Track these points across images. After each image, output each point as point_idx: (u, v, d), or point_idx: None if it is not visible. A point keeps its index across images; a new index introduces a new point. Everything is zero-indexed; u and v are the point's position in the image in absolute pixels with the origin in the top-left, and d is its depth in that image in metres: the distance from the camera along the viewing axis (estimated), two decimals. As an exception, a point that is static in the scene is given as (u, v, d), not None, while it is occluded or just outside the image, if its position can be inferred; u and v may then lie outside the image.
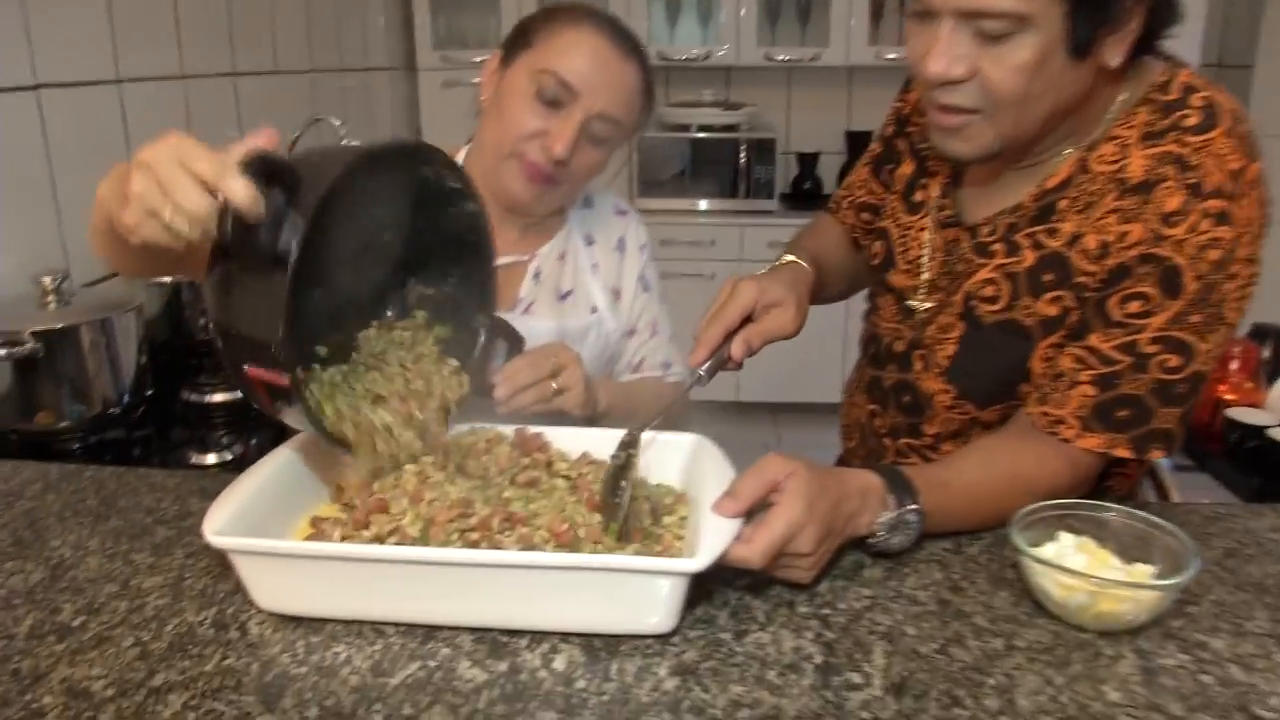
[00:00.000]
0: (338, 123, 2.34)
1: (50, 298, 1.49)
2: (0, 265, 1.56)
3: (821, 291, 1.20)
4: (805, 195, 3.86)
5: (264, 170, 0.76)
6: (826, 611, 0.88)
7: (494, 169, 1.20)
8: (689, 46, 3.71)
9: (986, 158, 0.98)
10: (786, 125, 3.97)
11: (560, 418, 1.10)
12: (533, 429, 1.02)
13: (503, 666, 0.79)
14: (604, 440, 1.02)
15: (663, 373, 1.36)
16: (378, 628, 0.84)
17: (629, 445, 0.94)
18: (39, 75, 1.64)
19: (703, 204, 3.68)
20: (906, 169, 1.17)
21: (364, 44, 3.24)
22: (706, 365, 1.03)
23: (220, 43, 2.28)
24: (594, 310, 1.31)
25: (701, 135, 3.64)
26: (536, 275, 1.29)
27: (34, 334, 1.41)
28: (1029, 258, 1.02)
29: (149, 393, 1.62)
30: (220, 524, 0.83)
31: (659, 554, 0.86)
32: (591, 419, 1.16)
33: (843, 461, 1.38)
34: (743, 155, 3.61)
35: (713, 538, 0.81)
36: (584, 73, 1.15)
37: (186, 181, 0.75)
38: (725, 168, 3.65)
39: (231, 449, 1.55)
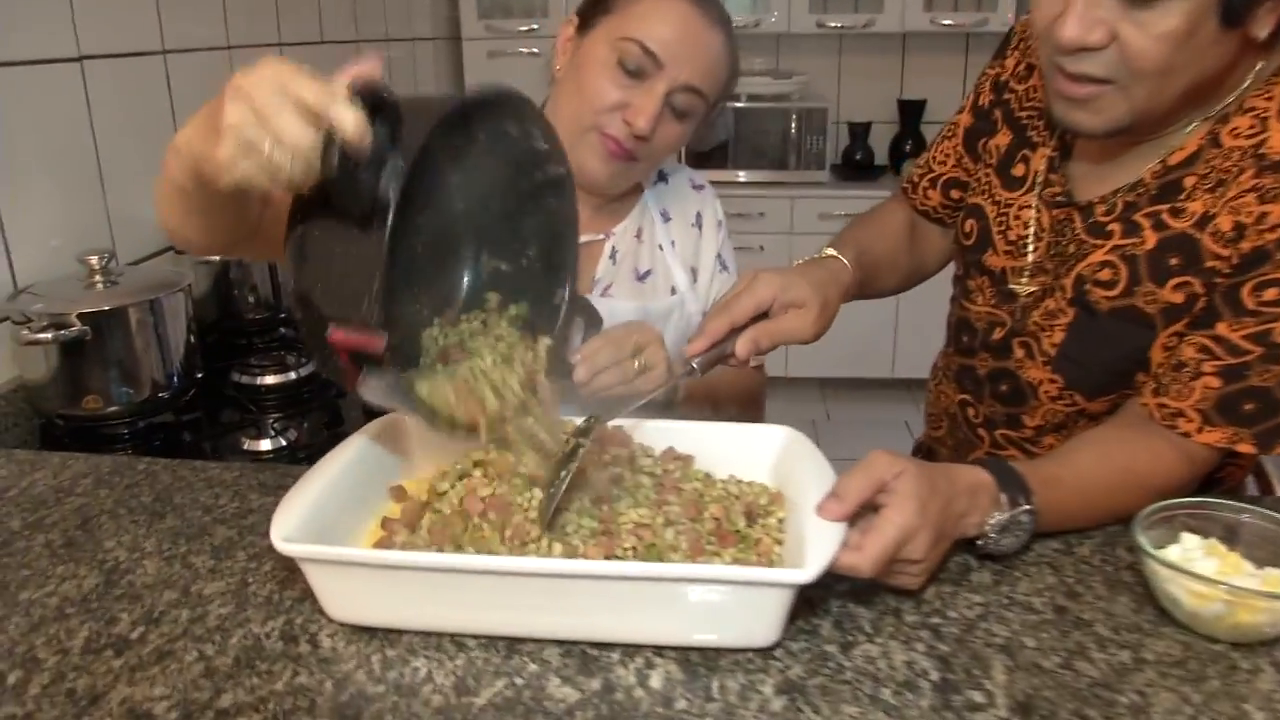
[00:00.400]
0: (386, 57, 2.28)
1: (97, 278, 1.44)
2: (45, 245, 1.51)
3: (869, 287, 1.12)
4: (857, 166, 3.75)
5: (372, 101, 0.69)
6: (937, 621, 0.80)
7: (569, 145, 1.12)
8: (738, 14, 3.59)
9: (1114, 133, 0.89)
10: (838, 94, 3.85)
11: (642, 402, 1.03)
12: (611, 424, 0.95)
13: (595, 684, 0.73)
14: (689, 435, 0.95)
15: None
16: (458, 640, 0.78)
17: (582, 434, 0.86)
18: (82, 47, 1.58)
19: (752, 175, 3.58)
20: (1002, 140, 1.08)
21: (408, 13, 3.16)
22: (702, 357, 0.95)
23: (266, 12, 2.22)
24: (674, 291, 1.23)
25: (751, 105, 3.53)
26: (613, 255, 1.22)
27: (81, 316, 1.36)
28: (1150, 239, 0.93)
29: (199, 375, 1.57)
30: (288, 529, 0.77)
31: (757, 561, 0.79)
32: (671, 402, 1.09)
33: (926, 448, 1.30)
34: (793, 125, 3.50)
35: (820, 545, 0.74)
36: (669, 41, 1.07)
37: (289, 110, 0.67)
38: (775, 138, 3.54)
39: (285, 434, 1.50)
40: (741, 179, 3.60)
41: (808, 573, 0.71)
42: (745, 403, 1.23)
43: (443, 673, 0.74)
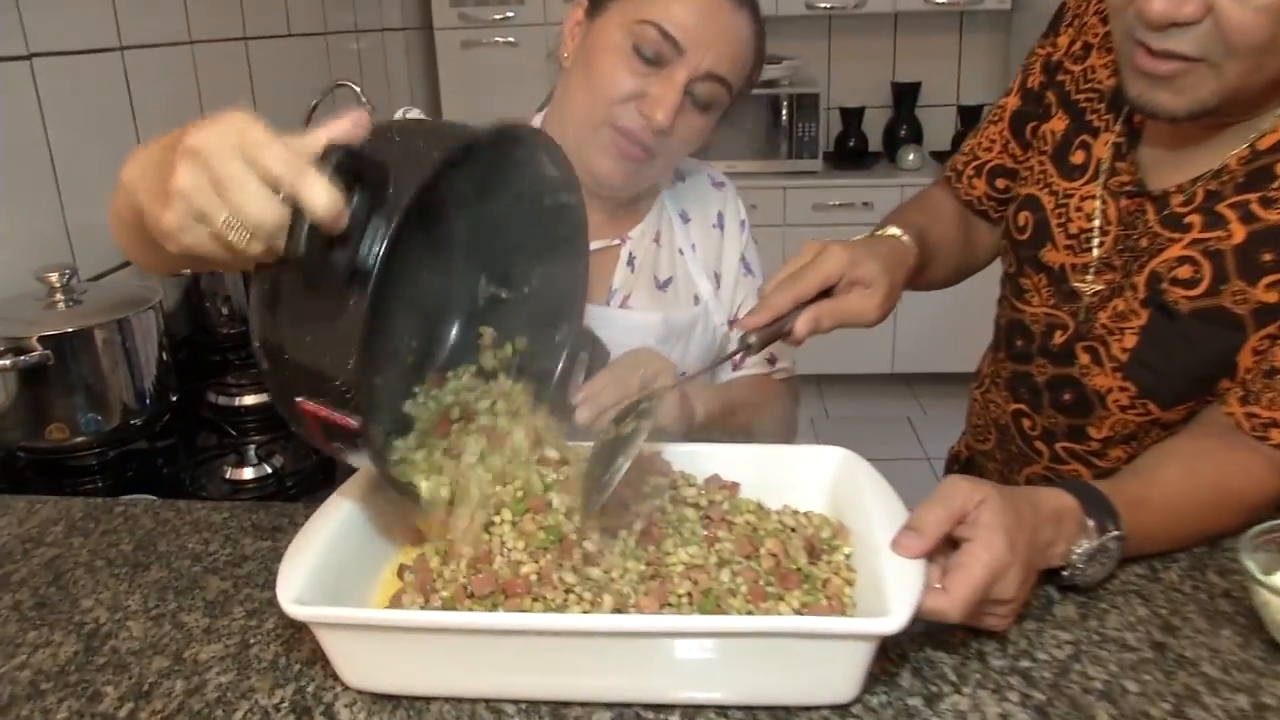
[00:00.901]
0: (358, 89, 2.19)
1: (58, 296, 1.35)
2: None
3: (922, 275, 1.05)
4: (851, 153, 3.69)
5: (349, 168, 0.60)
6: (1026, 664, 0.74)
7: (580, 141, 1.04)
8: (721, -5, 3.52)
9: (1196, 115, 0.82)
10: (828, 79, 3.79)
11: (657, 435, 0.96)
12: (648, 448, 0.88)
13: (652, 755, 0.66)
14: (732, 459, 0.89)
15: (767, 369, 1.21)
16: (495, 707, 0.70)
17: (644, 414, 0.79)
18: (32, 44, 1.48)
19: (742, 165, 3.51)
20: (1058, 125, 1.02)
21: (378, 3, 3.07)
22: (761, 334, 0.88)
23: (230, 5, 2.12)
24: (697, 301, 1.16)
25: (738, 91, 3.47)
26: (631, 261, 1.14)
27: (42, 339, 1.27)
28: (1238, 232, 0.87)
29: (173, 398, 1.49)
30: (297, 588, 0.69)
31: (827, 605, 0.73)
32: (687, 435, 1.01)
33: (969, 463, 1.24)
34: (784, 112, 3.43)
35: (900, 587, 0.68)
36: (690, 24, 0.99)
37: (251, 182, 0.59)
38: (765, 126, 3.47)
39: (270, 461, 1.41)
40: (732, 169, 3.53)
41: (894, 621, 0.64)
42: (774, 422, 1.16)
43: (480, 747, 0.67)
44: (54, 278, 1.35)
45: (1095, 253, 0.96)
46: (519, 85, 3.22)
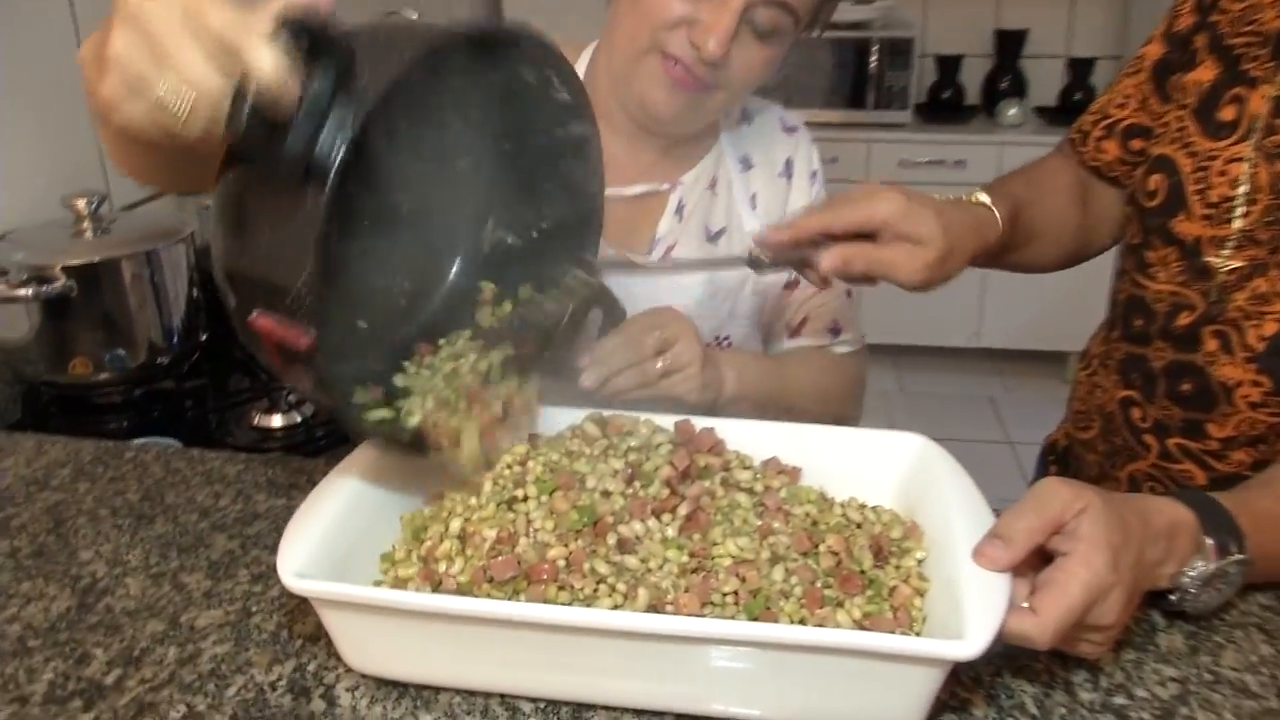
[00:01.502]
0: (415, 15, 2.14)
1: (85, 224, 1.33)
2: (29, 186, 1.40)
3: (1018, 255, 0.97)
4: (945, 106, 3.54)
5: (305, 38, 0.56)
6: (1121, 701, 0.67)
7: (628, 71, 0.98)
8: (813, -73, 3.39)
9: None
10: (924, 22, 3.63)
11: (676, 406, 0.91)
12: (701, 421, 0.83)
13: (682, 772, 0.61)
14: (796, 440, 0.82)
15: (828, 340, 1.13)
16: (510, 703, 0.66)
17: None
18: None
19: (823, 115, 3.40)
20: (1204, 75, 0.92)
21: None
22: (776, 255, 0.83)
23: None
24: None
25: (825, 34, 3.34)
26: (679, 209, 1.08)
27: (66, 269, 1.25)
28: None
29: (202, 337, 1.47)
30: (300, 559, 0.65)
31: (891, 618, 0.66)
32: (714, 408, 0.95)
33: (1063, 450, 1.16)
34: (873, 58, 3.30)
35: (980, 605, 0.61)
36: None
37: (191, 43, 0.55)
38: (852, 73, 3.35)
39: (300, 408, 1.39)
40: (812, 119, 3.41)
41: (971, 645, 0.58)
42: (831, 403, 1.09)
43: (491, 748, 0.63)
44: (81, 205, 1.32)
45: (1237, 224, 0.87)
46: (589, 15, 3.14)
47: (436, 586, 0.69)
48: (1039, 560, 0.67)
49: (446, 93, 0.77)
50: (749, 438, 0.83)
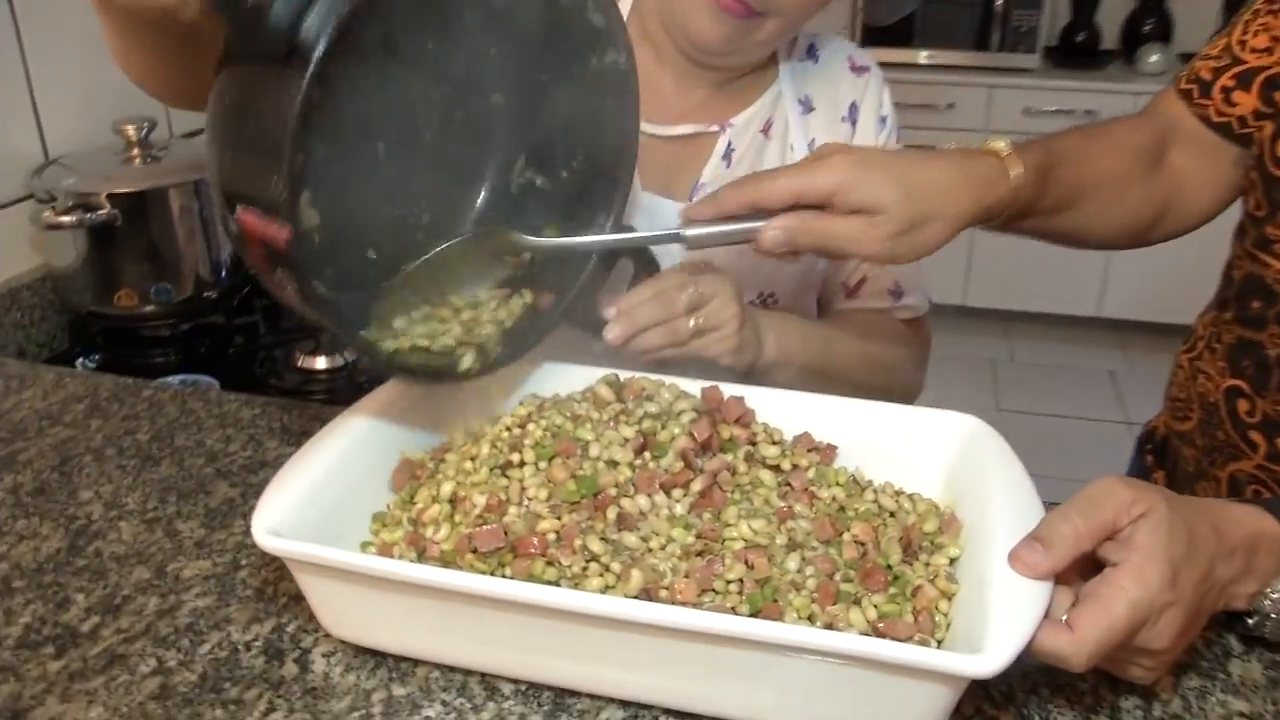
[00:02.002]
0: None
1: (135, 152, 1.35)
2: (83, 110, 1.43)
3: (1057, 222, 0.87)
4: (1078, 50, 3.36)
5: None
6: (1175, 732, 0.62)
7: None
8: None
9: None
10: (1060, -45, 3.44)
11: (713, 369, 0.86)
12: (730, 389, 0.79)
13: (663, 773, 0.58)
14: (834, 415, 0.78)
15: (889, 303, 1.07)
16: (490, 683, 0.64)
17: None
18: None
19: (942, 56, 3.26)
20: None
21: None
22: (703, 230, 0.77)
23: None
24: None
25: (947, -34, 3.20)
26: (727, 153, 1.02)
27: (111, 197, 1.27)
28: None
29: (252, 272, 1.48)
30: (279, 517, 0.64)
31: (911, 622, 0.62)
32: (751, 373, 0.91)
33: (1164, 445, 1.08)
34: (1000, -6, 3.15)
35: (1009, 616, 0.56)
36: None
37: None
38: (975, 11, 3.20)
39: (346, 351, 1.39)
40: (929, 61, 3.28)
41: (988, 661, 0.53)
42: (887, 373, 1.02)
43: (462, 730, 0.61)
44: (131, 131, 1.34)
45: None
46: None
47: (422, 553, 0.67)
48: (1090, 568, 0.61)
49: (478, 25, 0.75)
50: (783, 409, 0.79)
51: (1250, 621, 0.66)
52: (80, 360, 1.36)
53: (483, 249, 0.81)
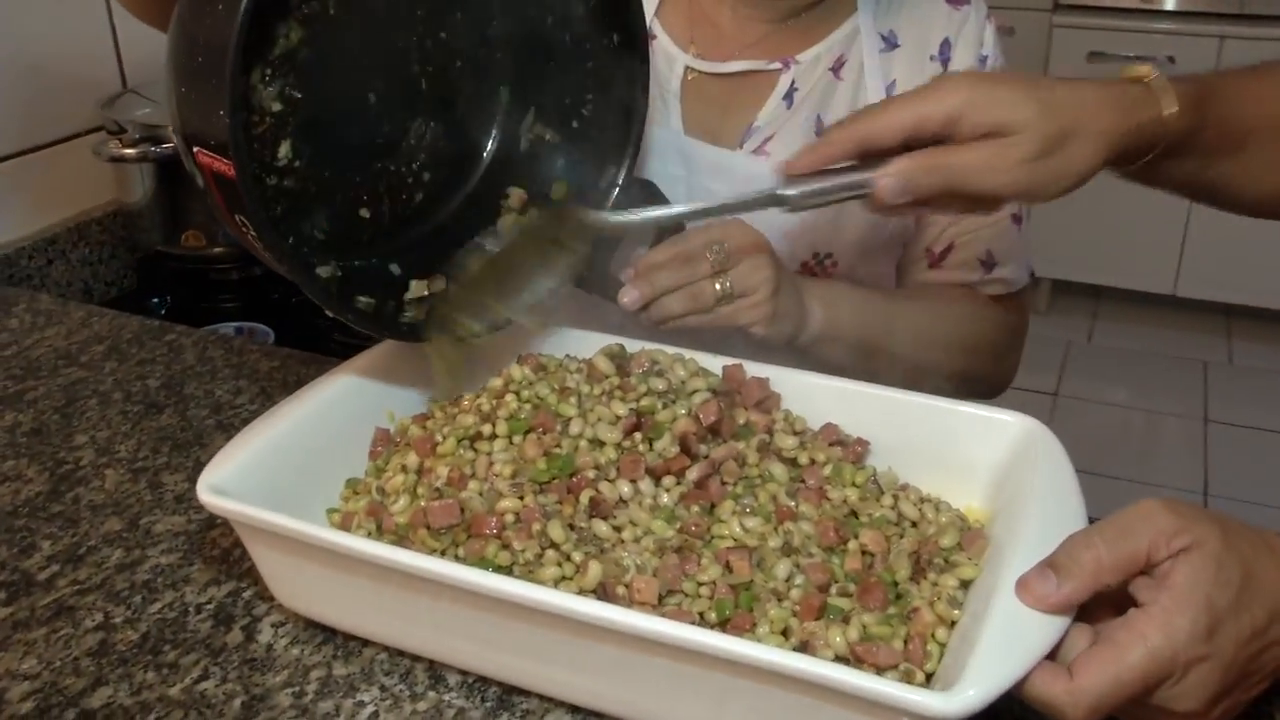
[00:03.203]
0: None
1: (210, 83, 1.42)
2: (149, 35, 1.50)
3: (1214, 164, 0.79)
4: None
5: None
6: (1214, 810, 0.57)
7: None
8: None
9: None
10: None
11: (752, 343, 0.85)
12: (755, 369, 0.77)
13: (599, 789, 0.58)
14: (869, 407, 0.75)
15: (979, 275, 1.01)
16: (436, 672, 0.65)
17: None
18: None
19: (1166, 1, 3.06)
20: None
21: None
22: (807, 187, 0.72)
23: None
24: None
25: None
26: (789, 94, 0.98)
27: (178, 131, 1.34)
28: None
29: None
30: (225, 473, 0.66)
31: (906, 644, 0.59)
32: (793, 344, 0.89)
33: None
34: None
35: (999, 649, 0.53)
36: None
37: None
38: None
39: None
40: (1147, 5, 3.09)
41: (954, 701, 0.50)
42: (966, 357, 0.98)
43: (394, 718, 0.62)
44: (204, 60, 1.41)
45: None
46: None
47: (379, 525, 0.68)
48: (1123, 606, 0.57)
49: None
50: (813, 396, 0.77)
51: (1330, 689, 0.60)
52: (153, 302, 1.45)
53: (545, 232, 0.81)
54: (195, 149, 0.65)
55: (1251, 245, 3.02)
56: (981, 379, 0.99)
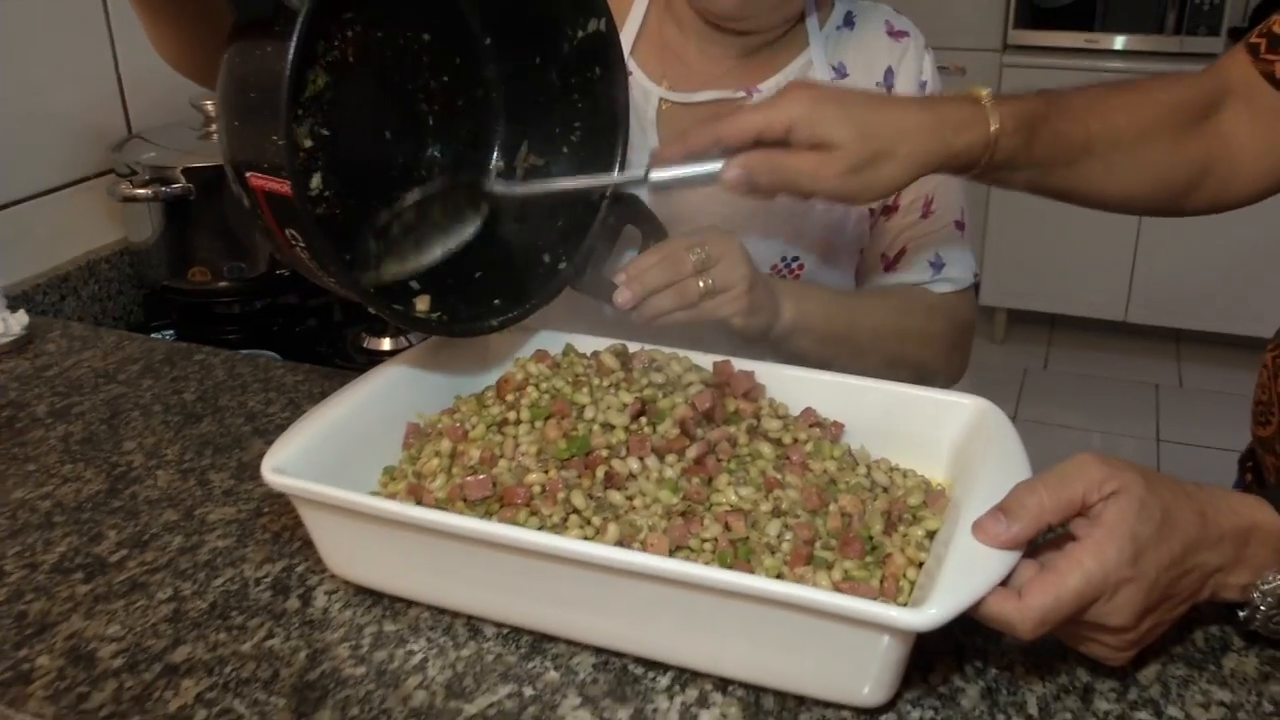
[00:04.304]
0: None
1: (212, 127, 1.53)
2: (171, 84, 1.61)
3: (1052, 175, 0.92)
4: (1269, 32, 3.29)
5: None
6: (1143, 716, 0.69)
7: None
8: None
9: None
10: (1252, -76, 3.39)
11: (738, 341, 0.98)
12: (742, 364, 0.88)
13: (624, 714, 0.68)
14: (842, 394, 0.87)
15: (929, 275, 1.14)
16: (475, 625, 0.76)
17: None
18: None
19: (1106, 39, 3.25)
20: None
21: None
22: (671, 172, 0.89)
23: None
24: None
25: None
26: None
27: (186, 171, 1.44)
28: None
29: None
30: (285, 456, 0.77)
31: (882, 584, 0.71)
32: (768, 340, 1.01)
33: (1250, 459, 1.12)
34: (1176, -31, 3.13)
35: (960, 578, 0.65)
36: None
37: None
38: (1146, -12, 3.19)
39: (409, 334, 1.54)
40: (1098, 45, 3.28)
41: (921, 616, 0.61)
42: (920, 350, 1.10)
43: (441, 664, 0.72)
44: (209, 107, 1.52)
45: None
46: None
47: (419, 503, 0.79)
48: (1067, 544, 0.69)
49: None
50: (793, 387, 0.88)
51: (1241, 614, 0.71)
52: (160, 335, 1.55)
53: (454, 199, 0.96)
54: (248, 174, 0.76)
55: (1198, 273, 3.19)
56: (937, 371, 1.11)
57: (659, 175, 0.89)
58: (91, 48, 1.51)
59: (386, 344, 1.54)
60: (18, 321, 1.17)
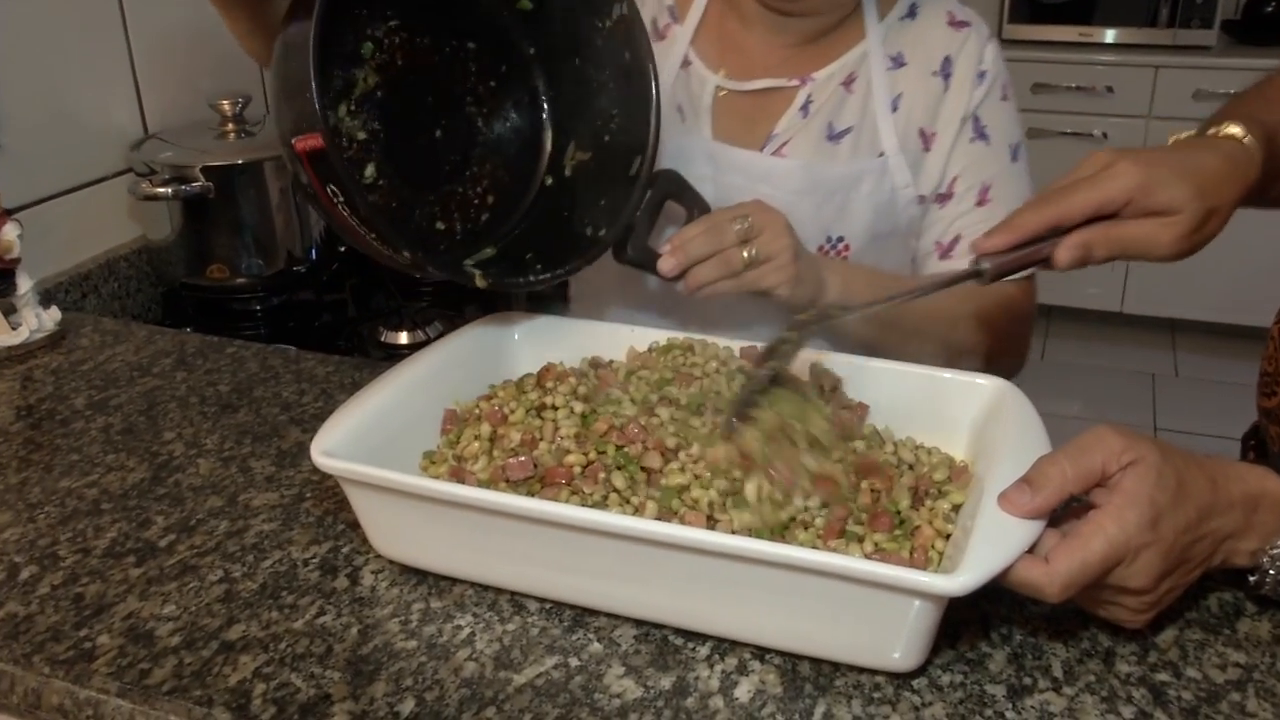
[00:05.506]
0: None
1: (229, 126, 1.56)
2: (185, 84, 1.65)
3: (1271, 187, 0.93)
4: (1265, 24, 3.33)
5: None
6: (1164, 678, 0.72)
7: None
8: None
9: None
10: (1244, -83, 3.43)
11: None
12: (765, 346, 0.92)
13: (666, 682, 0.72)
14: (868, 376, 0.90)
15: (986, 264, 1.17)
16: (518, 600, 0.79)
17: (773, 353, 0.84)
18: None
19: (1099, 33, 3.29)
20: None
21: None
22: (1000, 259, 0.84)
23: None
24: (881, 154, 1.14)
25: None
26: (805, 107, 1.15)
27: (205, 170, 1.47)
28: None
29: (342, 248, 1.67)
30: (334, 440, 0.80)
31: (911, 555, 0.74)
32: (809, 306, 1.03)
33: (1254, 437, 1.15)
34: (1169, -38, 3.17)
35: (988, 546, 0.68)
36: None
37: None
38: (1140, -19, 3.23)
39: (430, 326, 1.57)
40: (1090, 38, 3.32)
41: (954, 582, 0.65)
42: (972, 337, 1.13)
43: (488, 637, 0.75)
44: (226, 106, 1.55)
45: None
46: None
47: (461, 484, 0.82)
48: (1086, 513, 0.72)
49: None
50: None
51: (1251, 579, 0.75)
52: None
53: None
54: (293, 140, 0.80)
55: (1193, 263, 3.20)
56: (992, 358, 1.09)
57: (994, 265, 0.84)
58: (108, 50, 1.53)
59: (404, 338, 1.57)
60: (51, 318, 1.20)
